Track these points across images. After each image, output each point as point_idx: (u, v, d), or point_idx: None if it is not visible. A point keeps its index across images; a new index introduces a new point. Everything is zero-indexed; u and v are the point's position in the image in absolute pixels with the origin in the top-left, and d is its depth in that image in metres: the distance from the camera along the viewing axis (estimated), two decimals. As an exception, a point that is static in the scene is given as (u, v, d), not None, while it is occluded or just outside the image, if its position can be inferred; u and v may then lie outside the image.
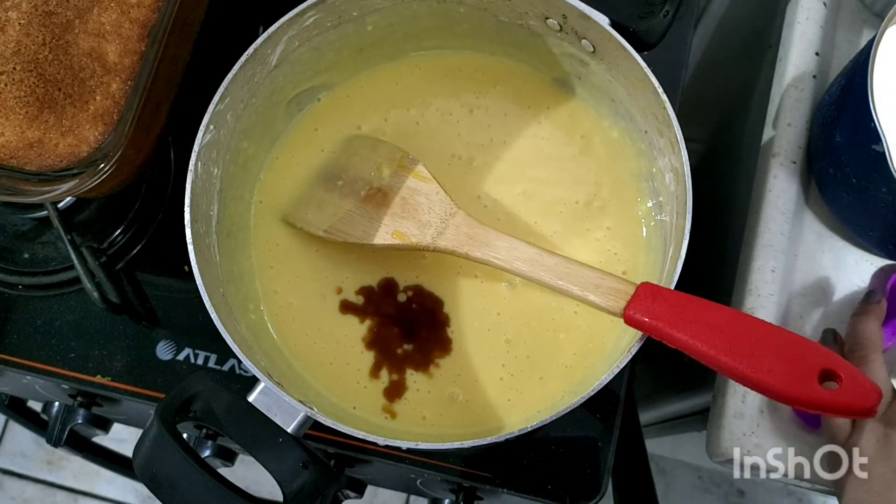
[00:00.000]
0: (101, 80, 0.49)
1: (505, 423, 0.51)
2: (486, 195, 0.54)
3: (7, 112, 0.47)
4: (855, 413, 0.38)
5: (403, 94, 0.57)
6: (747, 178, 0.61)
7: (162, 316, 0.58)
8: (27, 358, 0.57)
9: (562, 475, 0.55)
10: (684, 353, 0.40)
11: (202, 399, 0.43)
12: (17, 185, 0.48)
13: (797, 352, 0.38)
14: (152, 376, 0.57)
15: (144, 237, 0.59)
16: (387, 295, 0.53)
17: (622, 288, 0.43)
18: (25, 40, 0.48)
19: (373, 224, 0.51)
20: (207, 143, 0.48)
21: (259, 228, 0.55)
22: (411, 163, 0.52)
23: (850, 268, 0.57)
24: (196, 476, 0.40)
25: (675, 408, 0.80)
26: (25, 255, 0.59)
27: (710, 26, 0.90)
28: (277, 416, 0.43)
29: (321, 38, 0.52)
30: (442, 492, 0.60)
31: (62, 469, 1.30)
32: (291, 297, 0.53)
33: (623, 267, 0.53)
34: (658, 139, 0.49)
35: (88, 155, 0.48)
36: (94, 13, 0.49)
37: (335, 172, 0.55)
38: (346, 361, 0.52)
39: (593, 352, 0.52)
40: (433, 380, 0.52)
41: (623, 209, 0.54)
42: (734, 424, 0.54)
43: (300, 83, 0.55)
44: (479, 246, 0.48)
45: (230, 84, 0.48)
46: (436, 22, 0.54)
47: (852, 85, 0.51)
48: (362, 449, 0.55)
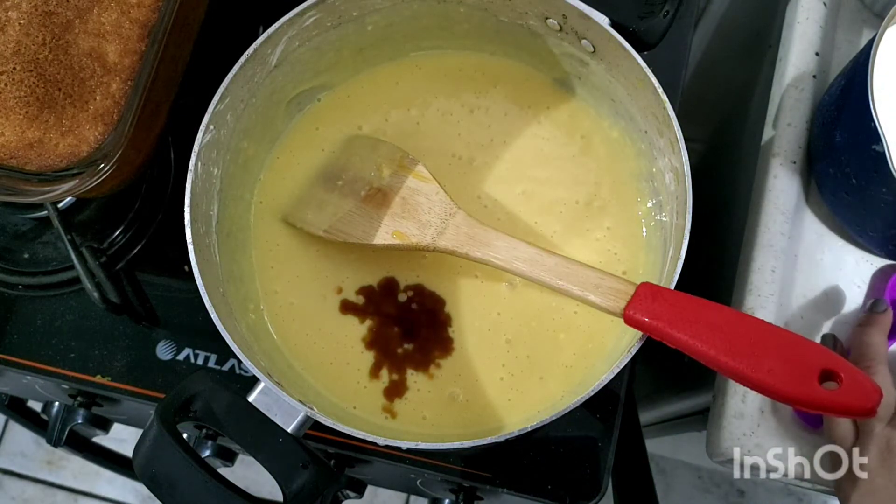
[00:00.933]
0: (101, 80, 0.49)
1: (505, 423, 0.51)
2: (486, 195, 0.54)
3: (7, 112, 0.47)
4: (855, 413, 0.38)
5: (404, 94, 0.57)
6: (747, 178, 0.61)
7: (162, 316, 0.58)
8: (27, 358, 0.57)
9: (562, 475, 0.55)
10: (684, 353, 0.40)
11: (202, 399, 0.43)
12: (17, 185, 0.48)
13: (797, 352, 0.38)
14: (152, 376, 0.57)
15: (144, 237, 0.59)
16: (387, 295, 0.53)
17: (622, 288, 0.43)
18: (25, 40, 0.48)
19: (373, 224, 0.51)
20: (207, 143, 0.48)
21: (259, 228, 0.55)
22: (411, 163, 0.52)
23: (850, 268, 0.57)
24: (196, 476, 0.40)
25: (675, 408, 0.80)
26: (25, 255, 0.59)
27: (710, 26, 0.90)
28: (277, 416, 0.43)
29: (321, 38, 0.52)
30: (442, 492, 0.60)
31: (62, 469, 1.30)
32: (291, 297, 0.53)
33: (623, 267, 0.53)
34: (658, 139, 0.50)
35: (88, 155, 0.48)
36: (94, 13, 0.49)
37: (335, 172, 0.55)
38: (346, 361, 0.52)
39: (593, 352, 0.52)
40: (434, 379, 0.52)
41: (623, 209, 0.54)
42: (734, 424, 0.54)
43: (300, 83, 0.55)
44: (479, 246, 0.48)
45: (230, 84, 0.48)
46: (436, 22, 0.54)
47: (852, 85, 0.51)
48: (362, 449, 0.55)
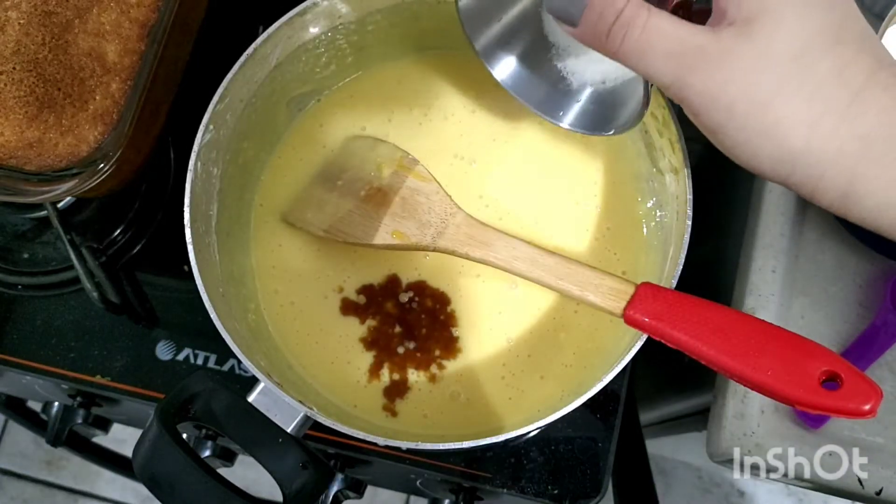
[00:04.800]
0: (101, 80, 0.49)
1: (505, 423, 0.51)
2: (487, 195, 0.54)
3: (6, 112, 0.47)
4: (856, 414, 0.38)
5: (405, 94, 0.57)
6: (747, 179, 0.61)
7: (162, 316, 0.58)
8: (27, 358, 0.57)
9: (562, 475, 0.55)
10: (684, 353, 0.40)
11: (202, 399, 0.43)
12: (16, 185, 0.48)
13: (798, 352, 0.38)
14: (152, 376, 0.57)
15: (144, 237, 0.59)
16: (388, 294, 0.53)
17: (622, 288, 0.43)
18: (25, 40, 0.48)
19: (373, 224, 0.51)
20: (207, 143, 0.48)
21: (259, 228, 0.55)
22: (411, 162, 0.52)
23: (850, 268, 0.57)
24: (196, 476, 0.40)
25: (675, 408, 0.80)
26: (25, 255, 0.59)
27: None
28: (277, 416, 0.43)
29: (321, 38, 0.52)
30: (442, 492, 0.60)
31: (62, 469, 1.30)
32: (292, 297, 0.53)
33: (623, 267, 0.53)
34: (658, 139, 0.50)
35: (88, 155, 0.48)
36: (94, 13, 0.49)
37: (335, 172, 0.55)
38: (346, 360, 0.52)
39: (593, 352, 0.52)
40: (435, 378, 0.52)
41: (623, 209, 0.54)
42: (734, 424, 0.54)
43: (300, 83, 0.55)
44: (479, 246, 0.48)
45: (230, 84, 0.48)
46: (436, 23, 0.54)
47: (853, 85, 0.51)
48: (362, 449, 0.55)
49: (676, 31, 0.34)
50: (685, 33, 0.34)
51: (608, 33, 0.35)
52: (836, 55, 0.32)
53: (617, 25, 0.35)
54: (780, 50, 0.32)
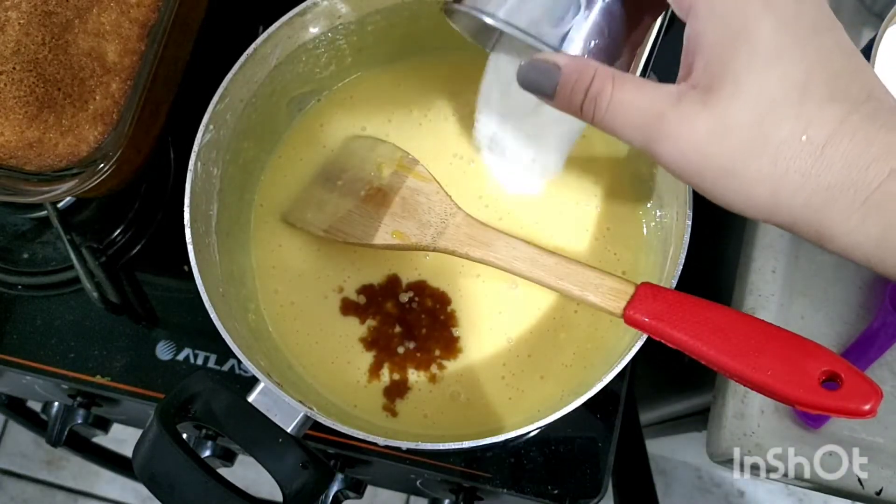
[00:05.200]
0: (101, 80, 0.49)
1: (505, 423, 0.51)
2: (487, 195, 0.54)
3: (6, 112, 0.47)
4: (856, 414, 0.38)
5: (405, 94, 0.57)
6: (747, 178, 0.61)
7: (162, 316, 0.58)
8: (27, 358, 0.57)
9: (562, 475, 0.55)
10: (684, 353, 0.40)
11: (202, 399, 0.43)
12: (16, 185, 0.48)
13: (798, 352, 0.38)
14: (152, 376, 0.57)
15: (144, 237, 0.59)
16: (389, 294, 0.53)
17: (622, 288, 0.43)
18: (25, 40, 0.48)
19: (373, 224, 0.51)
20: (207, 143, 0.48)
21: (259, 228, 0.55)
22: (411, 162, 0.52)
23: (850, 269, 0.57)
24: (196, 476, 0.40)
25: (675, 408, 0.80)
26: (25, 255, 0.59)
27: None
28: (277, 416, 0.43)
29: (321, 38, 0.52)
30: (442, 492, 0.60)
31: (62, 469, 1.30)
32: (292, 297, 0.53)
33: (623, 267, 0.53)
34: (658, 139, 0.49)
35: (88, 155, 0.48)
36: (94, 13, 0.49)
37: (335, 172, 0.55)
38: (346, 360, 0.52)
39: (593, 352, 0.52)
40: (435, 378, 0.52)
41: (623, 209, 0.54)
42: (734, 424, 0.54)
43: (300, 83, 0.55)
44: (479, 246, 0.48)
45: (230, 84, 0.48)
46: (435, 23, 0.54)
47: (853, 85, 0.51)
48: (362, 449, 0.55)
49: (639, 101, 0.35)
50: (647, 102, 0.35)
51: (581, 108, 0.37)
52: (798, 115, 0.33)
53: (587, 102, 0.36)
54: (739, 119, 0.33)
